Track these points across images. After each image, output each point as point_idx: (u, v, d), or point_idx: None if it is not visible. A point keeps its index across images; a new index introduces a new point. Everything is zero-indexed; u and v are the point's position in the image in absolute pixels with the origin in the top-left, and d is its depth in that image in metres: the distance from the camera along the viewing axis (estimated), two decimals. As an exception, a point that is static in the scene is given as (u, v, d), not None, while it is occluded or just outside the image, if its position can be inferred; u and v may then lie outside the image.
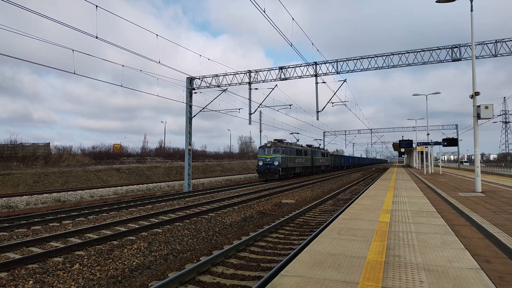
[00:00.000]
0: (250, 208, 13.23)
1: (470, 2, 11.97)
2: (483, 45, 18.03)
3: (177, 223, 10.35)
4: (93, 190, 20.30)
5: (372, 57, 20.07)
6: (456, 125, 59.75)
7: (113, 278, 5.86)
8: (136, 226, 9.75)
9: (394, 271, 3.70)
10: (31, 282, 5.52)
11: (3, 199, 15.65)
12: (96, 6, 11.86)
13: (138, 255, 7.06)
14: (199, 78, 23.90)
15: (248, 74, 22.82)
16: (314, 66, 21.21)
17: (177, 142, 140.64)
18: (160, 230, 9.34)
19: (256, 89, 23.44)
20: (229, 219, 11.05)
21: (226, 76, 23.17)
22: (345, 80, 22.12)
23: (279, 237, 8.69)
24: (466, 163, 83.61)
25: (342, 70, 20.55)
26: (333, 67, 21.01)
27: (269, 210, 13.07)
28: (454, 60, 18.70)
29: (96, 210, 12.81)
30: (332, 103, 23.78)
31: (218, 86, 23.47)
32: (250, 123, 24.24)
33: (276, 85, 23.38)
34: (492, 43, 17.96)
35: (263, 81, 22.55)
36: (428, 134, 31.66)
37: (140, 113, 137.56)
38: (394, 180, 19.52)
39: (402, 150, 61.39)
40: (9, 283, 5.47)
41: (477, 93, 11.84)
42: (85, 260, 6.62)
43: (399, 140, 36.46)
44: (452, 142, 26.51)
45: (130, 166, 35.24)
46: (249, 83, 22.81)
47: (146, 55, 38.78)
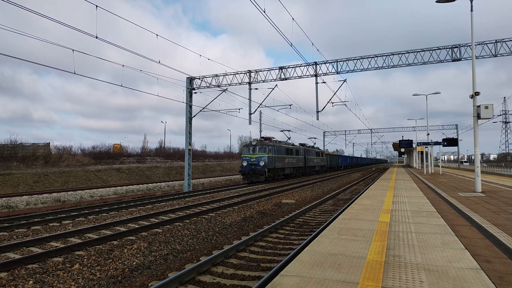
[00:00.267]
0: (250, 208, 13.23)
1: (470, 2, 11.98)
2: (483, 45, 18.03)
3: (177, 223, 10.35)
4: (93, 190, 20.30)
5: (372, 57, 20.07)
6: (456, 125, 59.82)
7: (113, 278, 5.86)
8: (136, 226, 9.75)
9: (394, 271, 3.70)
10: (31, 282, 5.52)
11: (3, 199, 15.65)
12: (96, 6, 11.87)
13: (138, 255, 7.06)
14: (199, 78, 23.90)
15: (248, 74, 22.82)
16: (314, 66, 21.21)
17: (177, 142, 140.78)
18: (160, 230, 9.34)
19: (256, 89, 23.46)
20: (229, 219, 11.05)
21: (226, 76, 23.18)
22: (345, 80, 22.14)
23: (279, 237, 8.68)
24: (466, 163, 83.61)
25: (342, 70, 20.55)
26: (333, 67, 21.02)
27: (269, 210, 13.07)
28: (454, 60, 18.71)
29: (96, 210, 12.81)
30: (332, 103, 23.80)
31: (218, 86, 23.47)
32: (250, 123, 24.25)
33: (276, 85, 23.40)
34: (492, 43, 17.96)
35: (263, 81, 22.56)
36: (428, 134, 31.66)
37: (140, 113, 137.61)
38: (394, 180, 19.52)
39: (402, 150, 61.40)
40: (9, 283, 5.47)
41: (477, 93, 11.84)
42: (85, 260, 6.62)
43: (399, 140, 36.46)
44: (452, 142, 26.52)
45: (130, 166, 35.25)
46: (249, 83, 22.81)
47: (146, 55, 38.80)
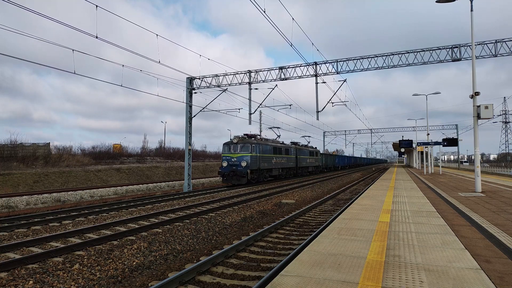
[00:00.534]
0: (250, 208, 13.23)
1: (470, 2, 11.98)
2: (483, 45, 18.03)
3: (177, 223, 10.35)
4: (93, 190, 20.30)
5: (372, 57, 20.07)
6: (456, 125, 59.86)
7: (113, 278, 5.86)
8: (136, 226, 9.75)
9: (394, 271, 3.70)
10: (31, 282, 5.51)
11: (3, 199, 15.65)
12: (96, 6, 11.87)
13: (138, 255, 7.06)
14: (199, 78, 23.90)
15: (248, 74, 22.82)
16: (314, 66, 21.21)
17: (177, 142, 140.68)
18: (160, 230, 9.33)
19: (256, 89, 23.46)
20: (229, 219, 11.05)
21: (226, 76, 23.18)
22: (345, 80, 22.14)
23: (279, 237, 8.68)
24: (466, 163, 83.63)
25: (342, 70, 20.55)
26: (333, 67, 21.02)
27: (269, 210, 13.07)
28: (454, 60, 18.71)
29: (96, 210, 12.81)
30: (332, 103, 23.79)
31: (218, 86, 23.47)
32: (250, 123, 24.25)
33: (276, 85, 23.39)
34: (492, 43, 17.96)
35: (263, 81, 22.56)
36: (428, 134, 31.68)
37: (140, 113, 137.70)
38: (394, 180, 19.52)
39: (402, 150, 61.37)
40: (9, 283, 5.47)
41: (477, 93, 11.84)
42: (85, 260, 6.62)
43: (399, 140, 36.47)
44: (452, 142, 26.52)
45: (130, 166, 35.25)
46: (249, 83, 22.82)
47: (146, 55, 38.81)
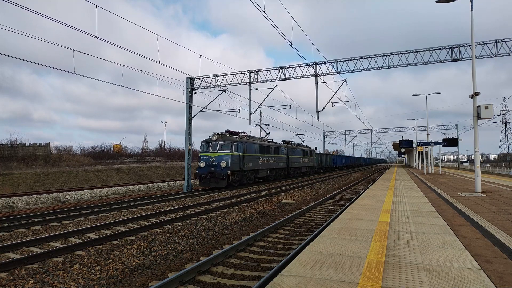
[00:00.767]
0: (250, 208, 13.23)
1: (470, 2, 11.98)
2: (483, 45, 18.03)
3: (177, 223, 10.35)
4: (93, 190, 20.30)
5: (372, 57, 20.07)
6: (456, 125, 59.91)
7: (113, 278, 5.85)
8: (136, 226, 9.75)
9: (394, 271, 3.70)
10: (31, 282, 5.51)
11: (3, 199, 15.65)
12: (96, 6, 11.87)
13: (138, 255, 7.06)
14: (199, 78, 23.90)
15: (248, 74, 22.83)
16: (314, 66, 21.21)
17: (177, 142, 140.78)
18: (160, 230, 9.33)
19: (256, 89, 23.46)
20: (229, 219, 11.05)
21: (226, 76, 23.18)
22: (345, 80, 22.15)
23: (279, 237, 8.68)
24: (466, 163, 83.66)
25: (342, 70, 20.56)
26: (333, 67, 21.02)
27: (269, 210, 13.07)
28: (454, 60, 18.71)
29: (96, 210, 12.81)
30: (332, 103, 23.80)
31: (218, 86, 23.47)
32: (250, 123, 24.24)
33: (276, 85, 23.40)
34: (492, 43, 17.96)
35: (263, 81, 22.56)
36: (428, 134, 31.68)
37: (140, 113, 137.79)
38: (394, 180, 19.52)
39: (402, 150, 61.40)
40: (9, 283, 5.47)
41: (477, 93, 11.84)
42: (85, 260, 6.62)
43: (399, 140, 36.47)
44: (452, 142, 26.53)
45: (130, 166, 35.25)
46: (249, 83, 22.82)
47: (146, 55, 38.80)
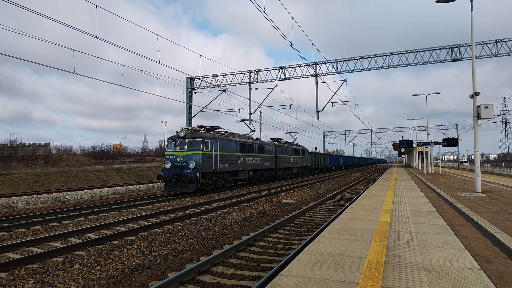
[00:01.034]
0: (250, 208, 13.22)
1: (470, 2, 11.98)
2: (483, 45, 18.04)
3: (177, 223, 10.34)
4: (93, 190, 20.29)
5: (372, 57, 20.08)
6: (456, 125, 60.07)
7: (113, 278, 5.85)
8: (136, 226, 9.74)
9: (394, 271, 3.70)
10: (31, 282, 5.51)
11: (3, 199, 15.64)
12: (96, 6, 11.87)
13: (138, 255, 7.06)
14: (199, 78, 23.90)
15: (248, 74, 22.83)
16: (314, 66, 21.21)
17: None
18: (160, 230, 9.33)
19: (256, 89, 23.48)
20: (229, 219, 11.05)
21: (226, 76, 23.18)
22: (345, 80, 22.18)
23: (279, 237, 8.68)
24: (466, 163, 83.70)
25: (342, 70, 20.57)
26: (333, 67, 21.03)
27: (269, 210, 13.07)
28: (454, 60, 18.71)
29: (96, 210, 12.80)
30: (332, 103, 23.83)
31: (218, 86, 23.48)
32: (250, 123, 24.26)
33: (276, 85, 23.43)
34: (492, 43, 17.97)
35: (263, 81, 22.57)
36: (428, 134, 31.69)
37: (140, 113, 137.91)
38: (394, 180, 19.52)
39: (402, 150, 61.44)
40: (9, 283, 5.46)
41: (477, 93, 11.84)
42: (85, 260, 6.62)
43: (399, 140, 36.50)
44: (452, 142, 26.55)
45: (130, 166, 35.26)
46: (249, 83, 22.83)
47: (146, 55, 38.83)
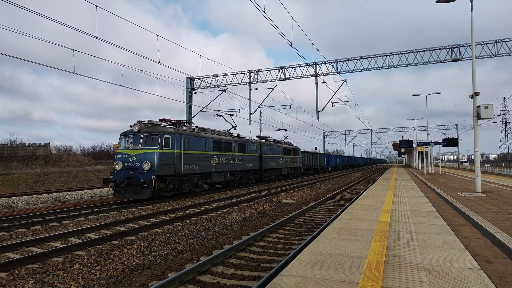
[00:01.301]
0: (250, 208, 13.23)
1: (470, 2, 11.98)
2: (483, 45, 18.04)
3: (177, 223, 10.34)
4: (93, 190, 20.29)
5: (372, 57, 20.08)
6: (456, 125, 60.10)
7: (113, 278, 5.85)
8: (136, 226, 9.75)
9: (394, 271, 3.70)
10: (31, 282, 5.51)
11: (3, 199, 15.65)
12: (96, 6, 11.87)
13: (138, 255, 7.06)
14: (199, 78, 23.90)
15: (248, 74, 22.83)
16: (314, 66, 21.22)
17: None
18: (160, 230, 9.33)
19: (256, 89, 23.48)
20: (229, 219, 11.05)
21: (226, 76, 23.18)
22: (345, 80, 22.19)
23: (279, 237, 8.68)
24: (466, 163, 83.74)
25: (342, 70, 20.57)
26: (333, 67, 21.04)
27: (269, 210, 13.07)
28: (454, 60, 18.72)
29: (96, 210, 12.79)
30: (332, 103, 23.84)
31: (218, 86, 23.48)
32: (250, 123, 24.28)
33: (276, 85, 23.43)
34: (492, 43, 17.97)
35: (263, 81, 22.57)
36: (428, 134, 31.69)
37: (140, 113, 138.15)
38: (394, 180, 19.52)
39: (402, 150, 61.48)
40: (9, 283, 5.46)
41: (477, 93, 11.85)
42: (85, 260, 6.62)
43: (399, 140, 36.50)
44: (452, 142, 26.56)
45: (130, 166, 35.18)
46: (249, 83, 22.83)
47: (146, 55, 38.82)
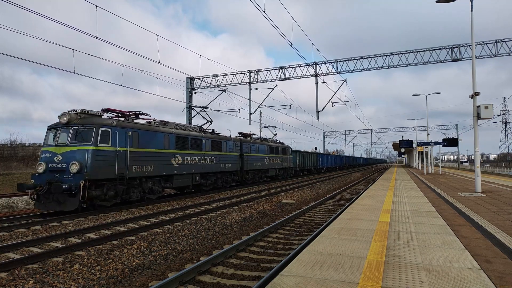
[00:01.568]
0: (250, 208, 13.22)
1: (470, 2, 11.98)
2: (483, 45, 18.04)
3: (177, 223, 10.34)
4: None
5: (372, 57, 20.08)
6: (456, 125, 60.15)
7: (113, 278, 5.85)
8: (136, 226, 9.75)
9: (394, 271, 3.70)
10: (31, 282, 5.51)
11: (3, 199, 15.64)
12: (96, 6, 11.87)
13: (138, 255, 7.06)
14: (199, 78, 23.90)
15: (248, 74, 22.84)
16: (314, 66, 21.22)
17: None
18: (160, 230, 9.33)
19: (256, 89, 23.48)
20: (229, 219, 11.05)
21: (226, 76, 23.19)
22: (345, 80, 22.20)
23: (279, 237, 8.68)
24: (466, 163, 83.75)
25: (342, 70, 20.56)
26: (333, 67, 21.04)
27: (269, 210, 13.07)
28: (454, 60, 18.72)
29: (96, 210, 12.79)
30: (332, 103, 23.84)
31: (218, 86, 23.49)
32: (250, 123, 24.27)
33: (276, 85, 23.43)
34: (492, 43, 17.97)
35: (263, 81, 22.58)
36: (428, 134, 31.70)
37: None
38: (394, 180, 19.52)
39: (402, 150, 61.45)
40: (9, 283, 5.46)
41: (477, 93, 11.85)
42: (85, 260, 6.62)
43: (399, 140, 36.50)
44: (452, 142, 26.56)
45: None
46: (249, 83, 22.84)
47: (146, 55, 38.84)
